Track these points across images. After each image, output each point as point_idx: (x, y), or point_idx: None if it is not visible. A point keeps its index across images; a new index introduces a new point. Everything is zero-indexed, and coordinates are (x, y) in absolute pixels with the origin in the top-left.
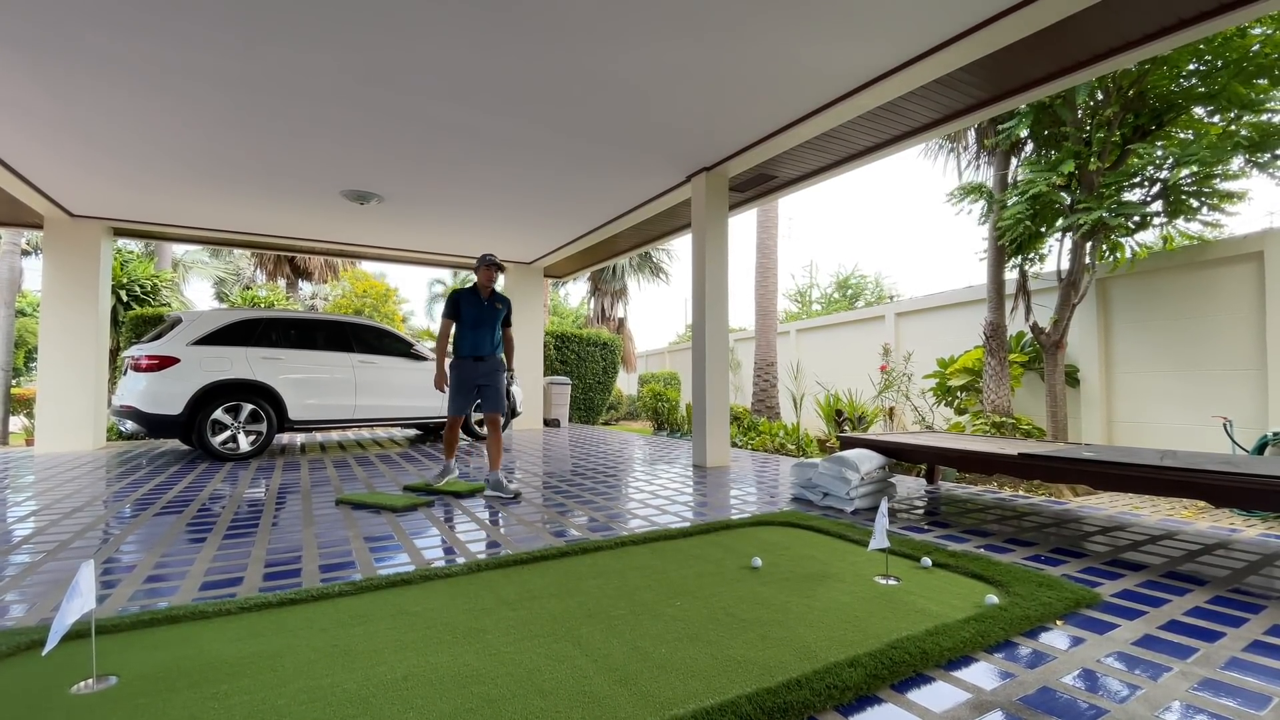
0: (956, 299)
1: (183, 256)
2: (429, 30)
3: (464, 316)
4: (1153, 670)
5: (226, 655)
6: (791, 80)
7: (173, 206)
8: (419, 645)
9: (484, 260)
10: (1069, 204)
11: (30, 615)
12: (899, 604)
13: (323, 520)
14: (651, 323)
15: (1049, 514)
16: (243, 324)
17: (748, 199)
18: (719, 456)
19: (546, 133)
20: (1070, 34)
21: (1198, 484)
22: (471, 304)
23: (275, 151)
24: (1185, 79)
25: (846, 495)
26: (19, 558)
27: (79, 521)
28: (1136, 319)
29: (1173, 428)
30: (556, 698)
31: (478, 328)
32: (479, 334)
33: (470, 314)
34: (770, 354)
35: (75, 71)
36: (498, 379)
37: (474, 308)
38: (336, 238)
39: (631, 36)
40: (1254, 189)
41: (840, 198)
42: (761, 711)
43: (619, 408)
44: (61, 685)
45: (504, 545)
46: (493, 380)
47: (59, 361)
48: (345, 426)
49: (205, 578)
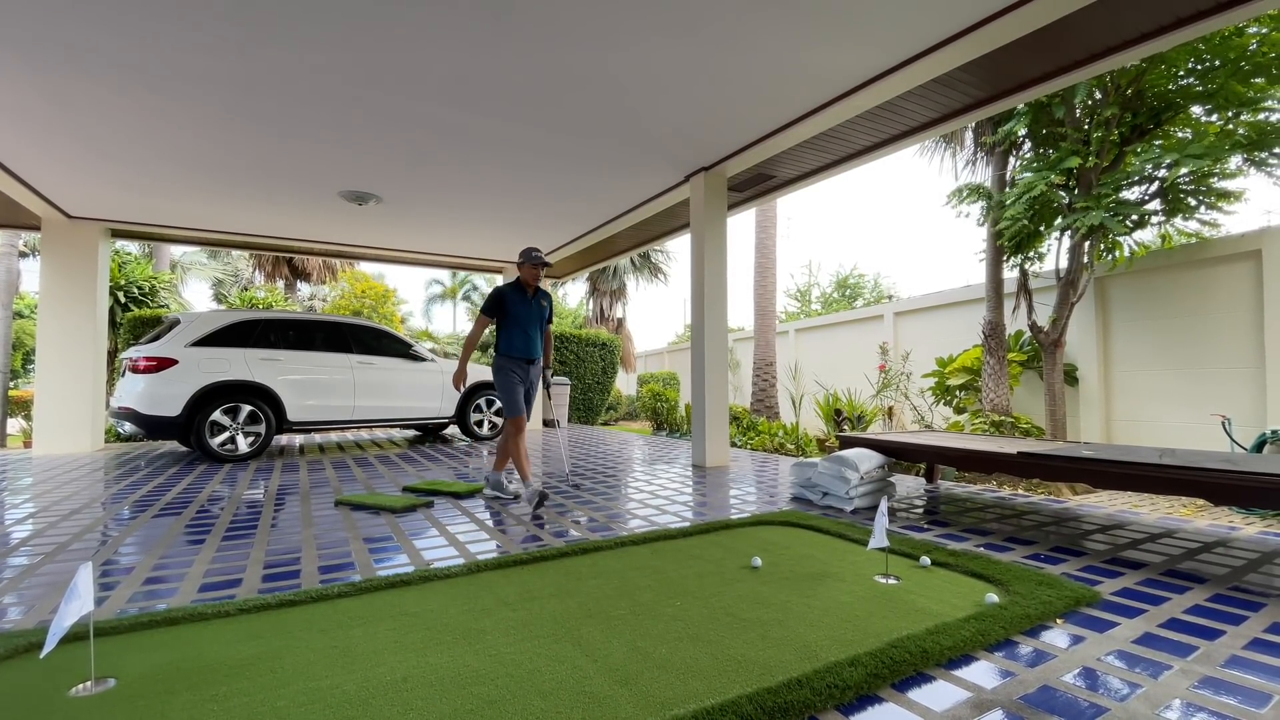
0: (955, 298)
1: (181, 258)
2: (427, 32)
3: (513, 315)
4: (1153, 668)
5: (225, 657)
6: (789, 80)
7: (170, 208)
8: (419, 646)
9: (532, 258)
10: (1068, 203)
11: (29, 618)
12: (899, 603)
13: (322, 521)
14: (650, 323)
15: (1048, 512)
16: (241, 325)
17: (746, 199)
18: (718, 456)
19: (544, 133)
20: (1068, 33)
21: (1197, 482)
22: (519, 302)
23: (273, 153)
24: (1183, 78)
25: (846, 494)
26: (17, 560)
27: (77, 523)
28: (1135, 318)
29: (1171, 426)
30: (557, 698)
31: (528, 327)
32: (530, 334)
33: (521, 312)
34: (769, 354)
35: (72, 74)
36: (539, 384)
37: (523, 306)
38: (335, 238)
39: (629, 37)
40: (1251, 188)
41: (838, 197)
42: (762, 711)
43: (618, 408)
44: (60, 688)
45: (503, 546)
46: (536, 385)
47: (57, 363)
48: (344, 428)
49: (204, 579)
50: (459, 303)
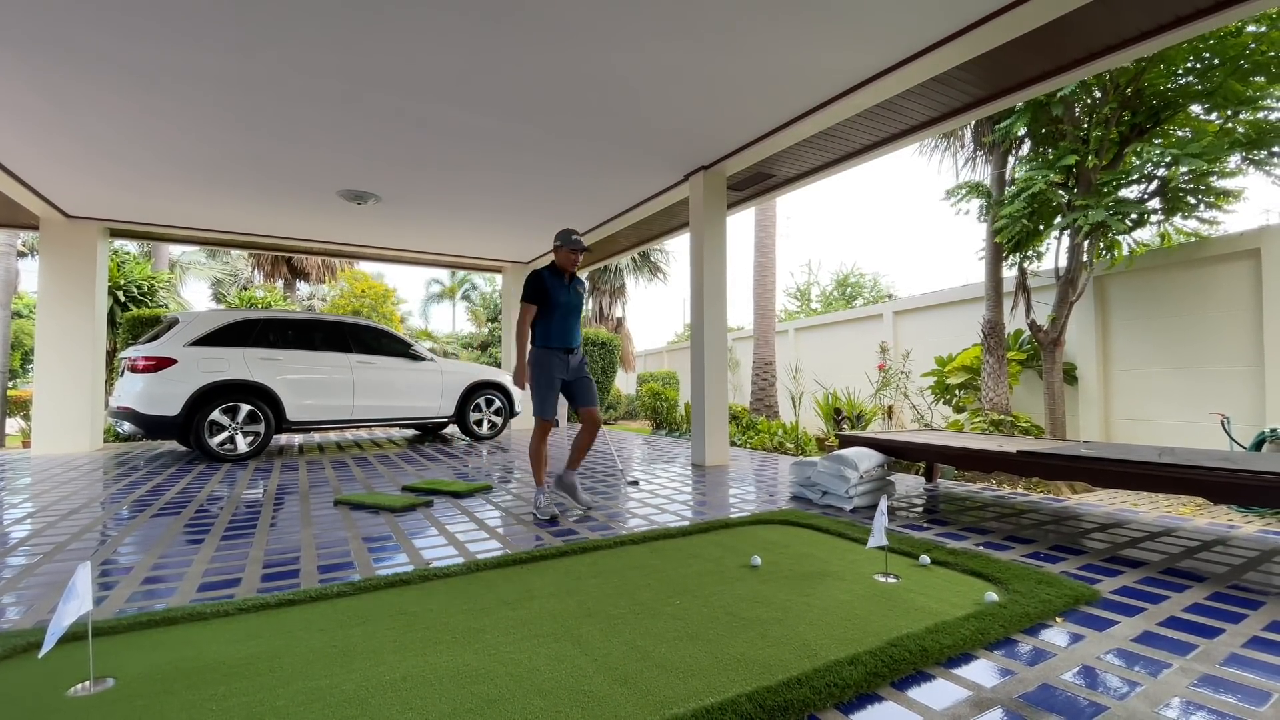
0: (954, 297)
1: (180, 257)
2: (426, 32)
3: (555, 301)
4: (1152, 667)
5: (225, 656)
6: (789, 78)
7: (169, 207)
8: (418, 645)
9: (571, 241)
10: (1067, 202)
11: (27, 617)
12: (898, 602)
13: (321, 521)
14: (650, 322)
15: (1047, 511)
16: (240, 325)
17: (746, 198)
18: (718, 455)
19: (543, 132)
20: (1067, 32)
21: (1196, 480)
22: (559, 287)
23: (272, 152)
24: (1182, 77)
25: (845, 493)
26: (16, 560)
27: (76, 523)
28: (1134, 316)
29: (1170, 425)
30: (556, 697)
31: (568, 315)
32: (569, 322)
33: (561, 298)
34: (769, 353)
35: (70, 73)
36: (586, 370)
37: (563, 291)
38: (334, 238)
39: (627, 36)
40: (1250, 187)
41: (838, 196)
42: (762, 710)
43: (618, 407)
44: (59, 688)
45: (503, 545)
46: (583, 372)
47: (56, 363)
48: (343, 427)
49: (203, 579)
50: (458, 302)
